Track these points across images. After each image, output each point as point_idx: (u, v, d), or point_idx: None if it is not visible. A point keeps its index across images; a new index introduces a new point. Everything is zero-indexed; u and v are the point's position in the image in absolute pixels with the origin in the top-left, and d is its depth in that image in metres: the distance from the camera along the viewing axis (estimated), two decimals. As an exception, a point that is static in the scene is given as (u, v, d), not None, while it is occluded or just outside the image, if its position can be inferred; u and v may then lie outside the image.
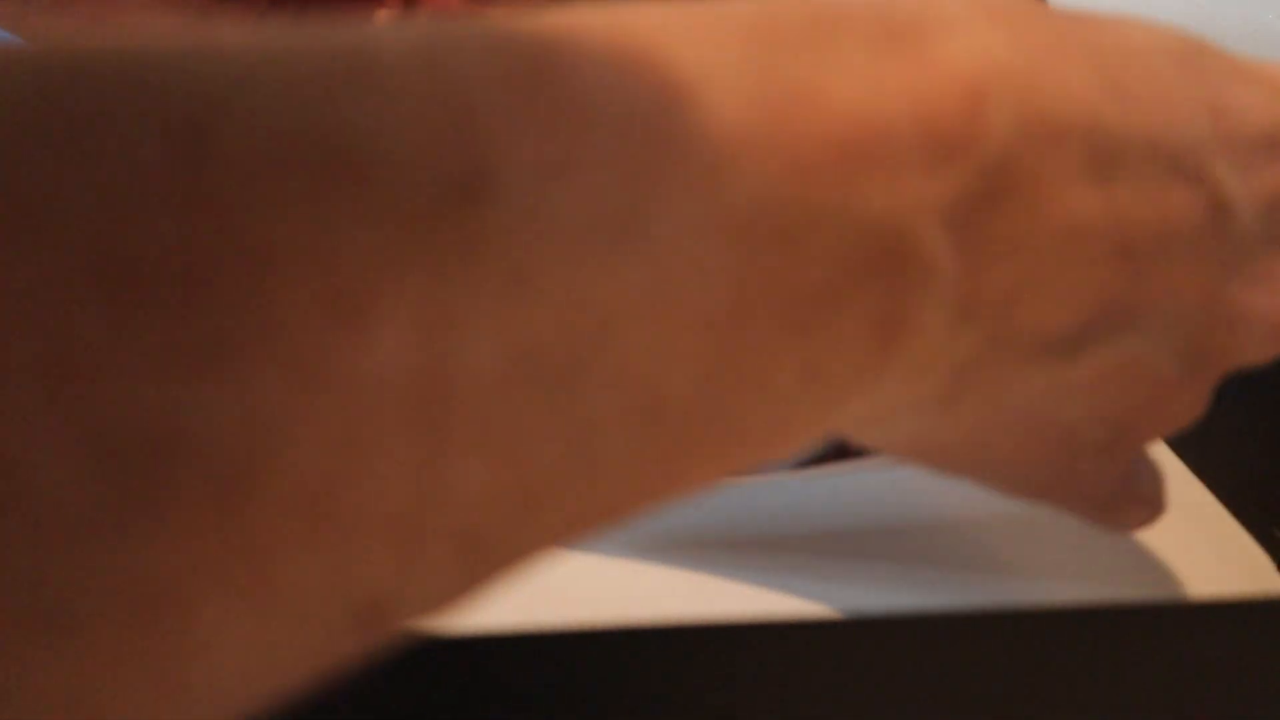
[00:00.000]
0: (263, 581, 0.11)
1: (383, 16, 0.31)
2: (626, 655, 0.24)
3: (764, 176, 0.15)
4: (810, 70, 0.16)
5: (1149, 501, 0.25)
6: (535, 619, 0.26)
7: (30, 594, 0.09)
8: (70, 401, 0.10)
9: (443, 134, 0.12)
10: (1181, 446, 0.40)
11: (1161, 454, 0.40)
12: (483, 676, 0.23)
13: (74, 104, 0.11)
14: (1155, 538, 0.36)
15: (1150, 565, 0.35)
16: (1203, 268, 0.20)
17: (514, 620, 0.28)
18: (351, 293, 0.11)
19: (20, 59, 0.11)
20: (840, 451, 0.33)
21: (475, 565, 0.13)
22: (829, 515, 0.36)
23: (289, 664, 0.12)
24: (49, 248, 0.10)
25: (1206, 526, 0.37)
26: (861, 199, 0.16)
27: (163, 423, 0.10)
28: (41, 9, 0.28)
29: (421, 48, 0.13)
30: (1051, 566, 0.34)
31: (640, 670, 0.24)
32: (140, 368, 0.10)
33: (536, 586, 0.30)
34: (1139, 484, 0.25)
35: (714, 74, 0.15)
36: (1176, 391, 0.22)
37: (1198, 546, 0.36)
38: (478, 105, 0.13)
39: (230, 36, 0.12)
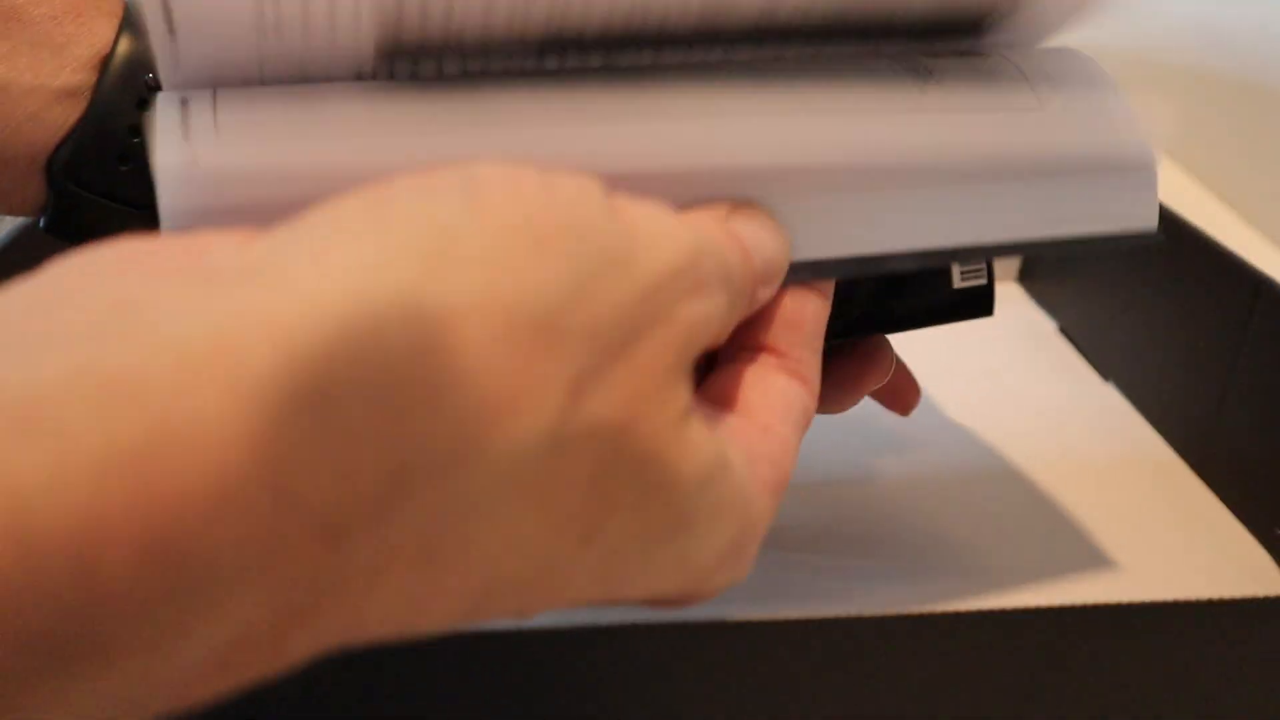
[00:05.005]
0: None
1: None
2: (620, 654, 0.24)
3: None
4: None
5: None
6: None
7: None
8: None
9: None
10: (1183, 446, 0.40)
11: (1163, 453, 0.40)
12: (485, 674, 0.23)
13: None
14: (1157, 537, 0.36)
15: (1151, 565, 0.34)
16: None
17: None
18: None
19: None
20: None
21: None
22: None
23: None
24: None
25: (1208, 525, 0.37)
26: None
27: None
28: None
29: None
30: (1051, 567, 0.34)
31: (630, 669, 0.24)
32: None
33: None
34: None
35: None
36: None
37: (1199, 546, 0.36)
38: None
39: None
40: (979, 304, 0.33)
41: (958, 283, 0.32)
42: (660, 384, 0.18)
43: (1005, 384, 0.45)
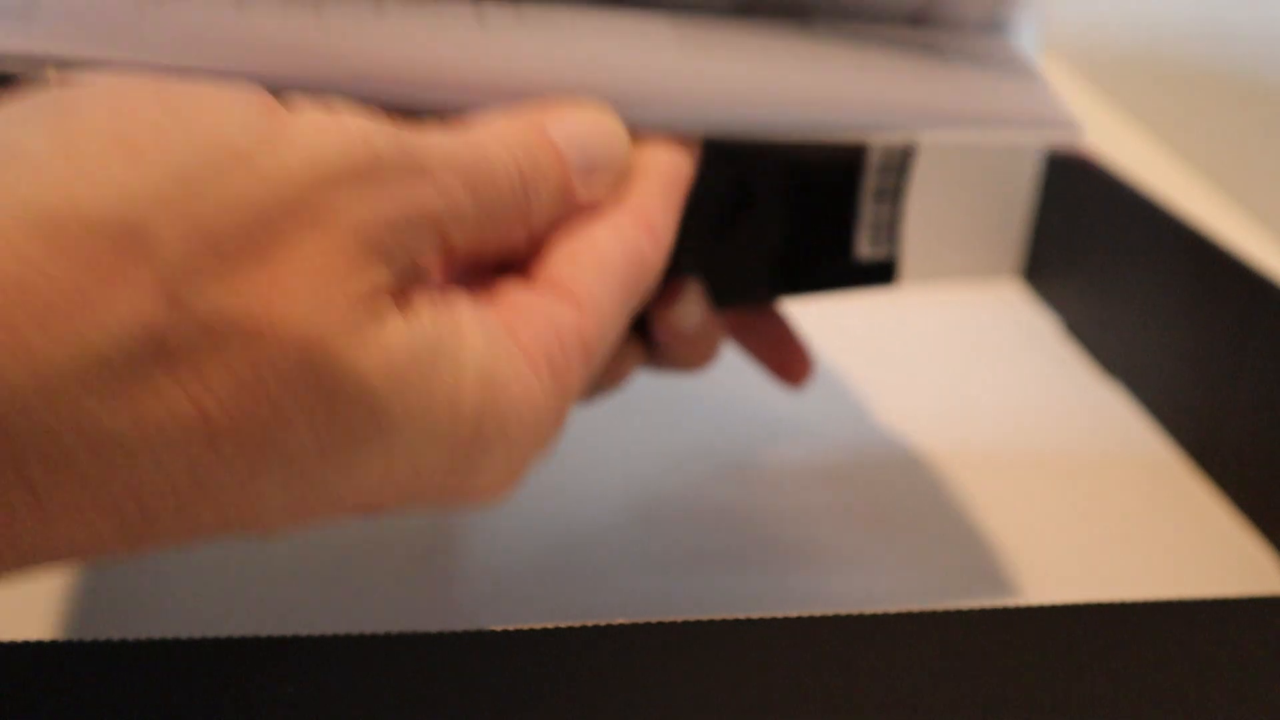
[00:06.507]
0: None
1: None
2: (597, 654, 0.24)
3: None
4: None
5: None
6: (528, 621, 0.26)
7: None
8: None
9: None
10: (1187, 445, 0.40)
11: (1166, 452, 0.40)
12: (487, 673, 0.23)
13: None
14: (1159, 536, 0.36)
15: (1153, 564, 0.34)
16: None
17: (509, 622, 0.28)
18: None
19: None
20: None
21: None
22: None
23: None
24: None
25: (1211, 524, 0.37)
26: None
27: None
28: None
29: None
30: (1052, 565, 0.34)
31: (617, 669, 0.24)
32: None
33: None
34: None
35: None
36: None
37: (1202, 545, 0.35)
38: None
39: None
40: (882, 274, 0.32)
41: (864, 252, 0.31)
42: (319, 282, 0.17)
43: (1006, 383, 0.45)
